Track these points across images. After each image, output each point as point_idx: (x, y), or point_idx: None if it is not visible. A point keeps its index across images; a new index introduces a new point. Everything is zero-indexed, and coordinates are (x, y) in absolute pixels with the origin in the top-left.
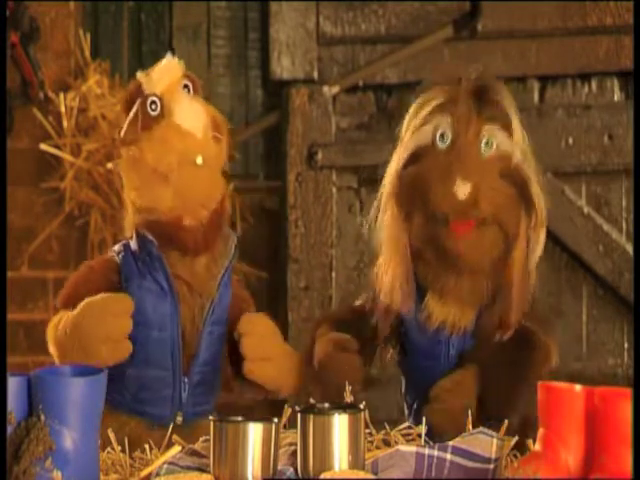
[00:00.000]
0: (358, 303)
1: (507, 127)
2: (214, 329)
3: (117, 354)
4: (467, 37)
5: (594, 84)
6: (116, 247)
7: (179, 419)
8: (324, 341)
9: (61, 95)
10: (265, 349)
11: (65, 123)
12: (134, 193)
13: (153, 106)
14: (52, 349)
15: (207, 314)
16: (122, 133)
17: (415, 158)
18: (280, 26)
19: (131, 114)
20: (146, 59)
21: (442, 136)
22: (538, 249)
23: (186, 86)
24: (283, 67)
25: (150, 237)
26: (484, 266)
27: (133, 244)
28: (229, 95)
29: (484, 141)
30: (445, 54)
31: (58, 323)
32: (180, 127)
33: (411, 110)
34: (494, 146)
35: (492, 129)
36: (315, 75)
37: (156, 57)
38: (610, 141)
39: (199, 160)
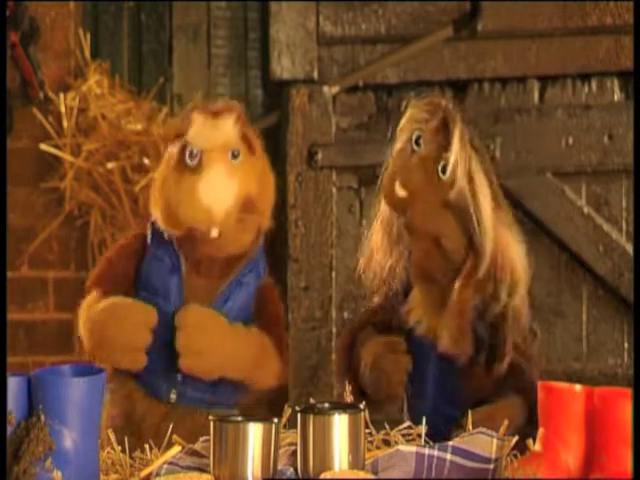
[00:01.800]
0: (375, 301)
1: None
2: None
3: (133, 364)
4: (467, 37)
5: (594, 84)
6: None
7: (173, 396)
8: (374, 343)
9: (61, 95)
10: (194, 342)
11: (65, 123)
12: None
13: (193, 155)
14: (82, 332)
15: (214, 304)
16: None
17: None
18: (280, 26)
19: (173, 149)
20: (146, 59)
21: (417, 141)
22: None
23: (234, 151)
24: (283, 67)
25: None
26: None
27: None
28: (229, 95)
29: (440, 167)
30: (445, 54)
31: (90, 306)
32: (200, 197)
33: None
34: (448, 174)
35: (448, 157)
36: (315, 75)
37: (156, 57)
38: (610, 141)
39: (214, 233)
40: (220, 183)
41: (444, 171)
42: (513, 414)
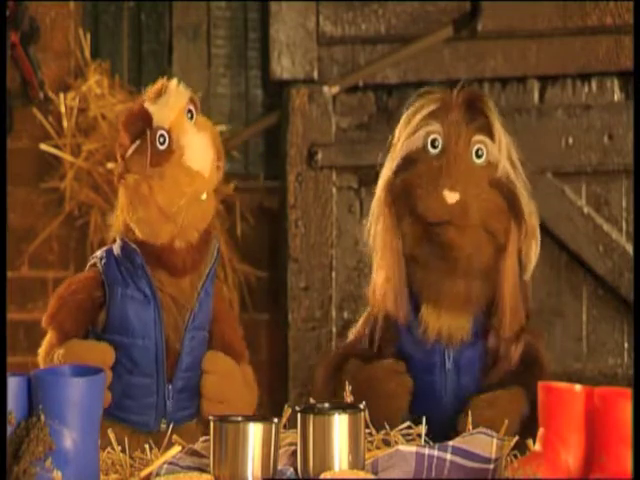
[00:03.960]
0: (357, 329)
1: (494, 138)
2: (196, 334)
3: None
4: (467, 37)
5: (594, 84)
6: (98, 253)
7: (163, 426)
8: (370, 369)
9: (61, 95)
10: (223, 391)
11: (65, 123)
12: (135, 222)
13: (162, 139)
14: None
15: (189, 321)
16: (128, 159)
17: (407, 164)
18: (280, 26)
19: (138, 143)
20: (146, 59)
21: (433, 142)
22: (531, 260)
23: (190, 111)
24: (283, 67)
25: (134, 246)
26: (477, 267)
27: (116, 249)
28: (229, 95)
29: (474, 150)
30: (445, 54)
31: (49, 352)
32: (191, 169)
33: (403, 117)
34: (484, 156)
35: (482, 139)
36: (315, 75)
37: (156, 57)
38: (610, 141)
39: (204, 197)
40: (198, 146)
41: (479, 154)
42: (517, 402)
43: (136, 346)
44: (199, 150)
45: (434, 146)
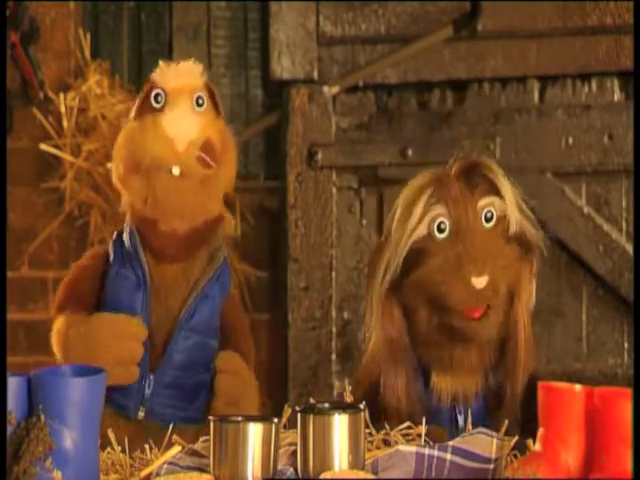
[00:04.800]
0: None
1: (500, 195)
2: (191, 336)
3: (126, 378)
4: (467, 37)
5: (594, 84)
6: (115, 234)
7: (141, 414)
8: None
9: (61, 95)
10: (238, 390)
11: (65, 123)
12: (114, 172)
13: (159, 98)
14: (61, 354)
15: (182, 317)
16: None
17: (416, 259)
18: (280, 26)
19: (139, 98)
20: (146, 59)
21: (439, 226)
22: (531, 301)
23: (200, 98)
24: (283, 67)
25: (131, 225)
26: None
27: (125, 234)
28: (229, 95)
29: (483, 216)
30: (445, 54)
31: (64, 330)
32: (163, 130)
33: (399, 209)
34: (494, 216)
35: (489, 202)
36: (315, 75)
37: (156, 57)
38: (610, 141)
39: (175, 171)
40: (184, 117)
41: (488, 218)
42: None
43: None
44: (182, 121)
45: (440, 230)
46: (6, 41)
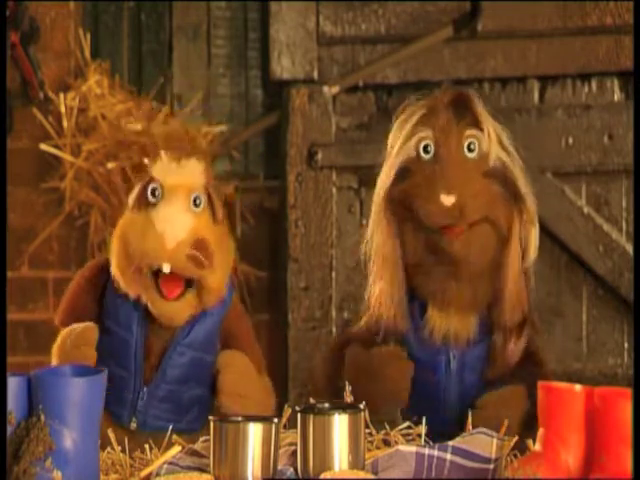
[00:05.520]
0: (362, 325)
1: (482, 129)
2: (187, 352)
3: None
4: (467, 37)
5: (594, 84)
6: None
7: (133, 425)
8: (372, 355)
9: (61, 95)
10: (245, 386)
11: (65, 123)
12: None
13: (156, 192)
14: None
15: (177, 334)
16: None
17: (404, 174)
18: (280, 26)
19: (136, 189)
20: (146, 59)
21: (425, 148)
22: (532, 248)
23: (197, 198)
24: (283, 67)
25: None
26: (482, 267)
27: None
28: (229, 95)
29: (466, 145)
30: (445, 54)
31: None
32: (154, 226)
33: (394, 126)
34: (476, 149)
35: (473, 133)
36: (315, 75)
37: (156, 57)
38: (610, 141)
39: (165, 268)
40: (177, 215)
41: (471, 149)
42: (520, 399)
43: (119, 336)
44: (174, 220)
45: (426, 151)
46: (6, 41)
